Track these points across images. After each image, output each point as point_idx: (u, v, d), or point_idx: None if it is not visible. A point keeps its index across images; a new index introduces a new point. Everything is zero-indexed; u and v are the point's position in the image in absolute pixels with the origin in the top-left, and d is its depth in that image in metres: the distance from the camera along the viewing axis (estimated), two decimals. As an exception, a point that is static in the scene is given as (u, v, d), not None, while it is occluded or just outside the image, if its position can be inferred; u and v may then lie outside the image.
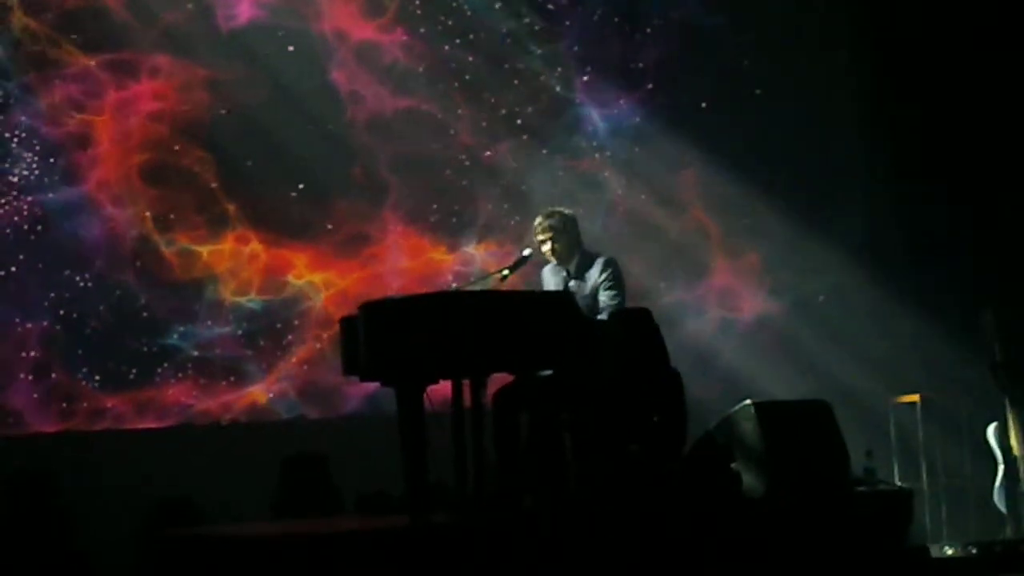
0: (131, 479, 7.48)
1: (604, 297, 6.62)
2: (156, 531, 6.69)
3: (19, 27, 7.98)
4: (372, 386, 6.90)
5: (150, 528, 6.83)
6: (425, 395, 6.15)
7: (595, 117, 9.42)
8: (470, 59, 9.03)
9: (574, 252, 6.71)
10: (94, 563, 6.26)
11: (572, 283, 6.67)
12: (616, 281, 6.69)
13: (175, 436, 8.16)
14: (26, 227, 7.92)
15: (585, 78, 9.33)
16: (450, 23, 8.92)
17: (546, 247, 6.68)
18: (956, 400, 8.74)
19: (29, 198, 7.91)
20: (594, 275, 6.67)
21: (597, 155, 9.31)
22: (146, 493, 7.32)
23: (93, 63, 8.18)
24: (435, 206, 8.79)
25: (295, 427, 8.42)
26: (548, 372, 6.42)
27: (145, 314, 8.12)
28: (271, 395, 8.41)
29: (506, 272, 6.68)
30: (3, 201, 7.91)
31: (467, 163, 8.89)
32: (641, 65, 9.45)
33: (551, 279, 6.77)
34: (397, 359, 6.02)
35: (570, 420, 6.47)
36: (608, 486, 6.27)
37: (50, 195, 7.99)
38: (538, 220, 6.77)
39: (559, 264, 6.72)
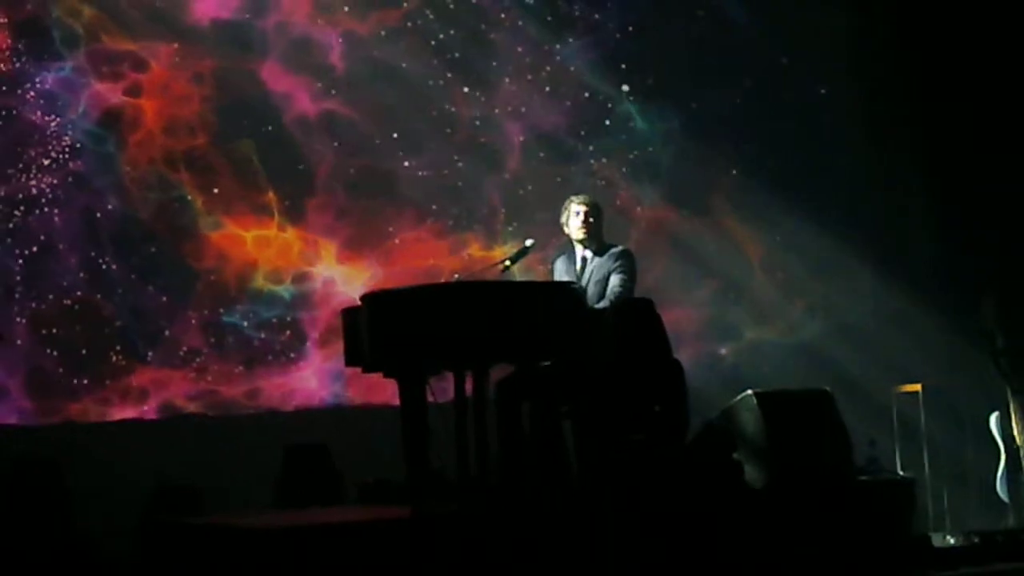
0: (134, 467, 7.49)
1: (614, 282, 6.67)
2: (157, 519, 6.71)
3: (65, 8, 8.10)
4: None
5: (152, 515, 6.83)
6: (428, 386, 6.12)
7: (620, 117, 9.38)
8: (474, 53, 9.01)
9: (599, 236, 6.80)
10: (97, 549, 6.27)
11: (595, 260, 6.77)
12: (629, 270, 6.78)
13: (178, 425, 8.18)
14: (58, 206, 8.00)
15: (598, 77, 9.26)
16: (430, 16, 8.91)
17: (580, 220, 6.76)
18: (958, 389, 8.77)
19: (55, 180, 7.98)
20: (609, 262, 6.75)
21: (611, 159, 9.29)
22: (149, 481, 7.27)
23: (136, 48, 8.25)
24: (454, 203, 8.83)
25: (299, 416, 8.45)
26: (549, 362, 6.39)
27: (164, 298, 8.18)
28: (313, 383, 8.54)
29: (507, 263, 6.73)
30: (35, 179, 7.96)
31: (481, 163, 8.92)
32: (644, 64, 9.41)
33: (562, 267, 6.89)
34: (399, 350, 6.02)
35: (571, 410, 6.48)
36: (609, 476, 6.20)
37: (78, 173, 8.04)
38: (577, 197, 6.89)
39: (584, 242, 6.79)
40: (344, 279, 8.62)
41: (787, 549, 6.16)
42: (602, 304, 6.68)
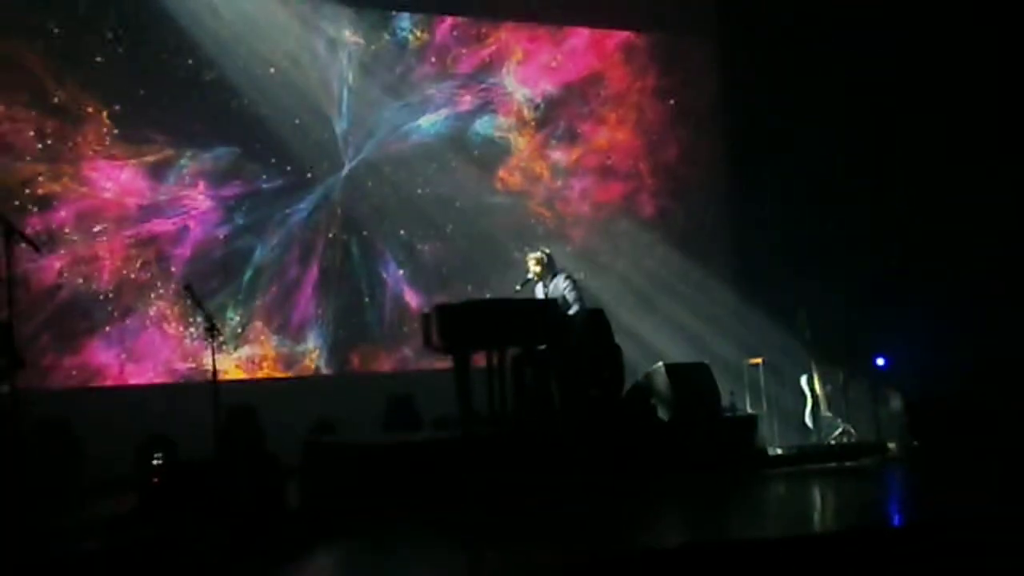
0: (297, 407, 8.39)
1: (569, 298, 7.55)
2: (311, 440, 7.43)
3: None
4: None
5: (307, 438, 7.53)
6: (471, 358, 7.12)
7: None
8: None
9: (551, 273, 7.73)
10: (278, 459, 6.31)
11: (549, 289, 7.65)
12: (575, 289, 7.60)
13: (326, 382, 9.27)
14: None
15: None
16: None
17: (538, 269, 7.72)
18: (783, 361, 9.38)
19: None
20: (560, 285, 7.65)
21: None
22: (305, 415, 8.27)
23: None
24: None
25: (392, 377, 9.44)
26: (543, 346, 7.36)
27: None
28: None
29: (518, 288, 7.77)
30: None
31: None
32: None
33: (540, 292, 7.82)
34: (457, 338, 7.04)
35: (556, 373, 7.29)
36: (578, 413, 7.12)
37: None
38: (532, 254, 7.80)
39: (540, 278, 7.71)
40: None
41: (682, 456, 6.95)
42: (570, 312, 7.45)
